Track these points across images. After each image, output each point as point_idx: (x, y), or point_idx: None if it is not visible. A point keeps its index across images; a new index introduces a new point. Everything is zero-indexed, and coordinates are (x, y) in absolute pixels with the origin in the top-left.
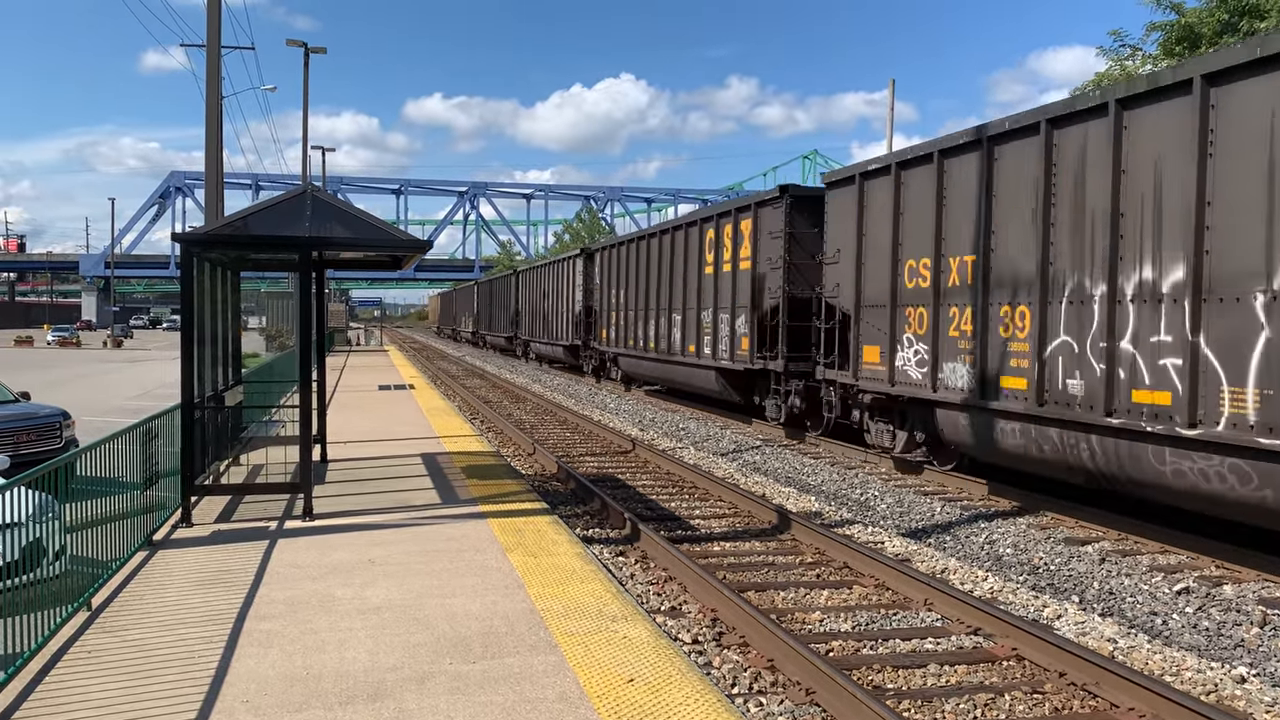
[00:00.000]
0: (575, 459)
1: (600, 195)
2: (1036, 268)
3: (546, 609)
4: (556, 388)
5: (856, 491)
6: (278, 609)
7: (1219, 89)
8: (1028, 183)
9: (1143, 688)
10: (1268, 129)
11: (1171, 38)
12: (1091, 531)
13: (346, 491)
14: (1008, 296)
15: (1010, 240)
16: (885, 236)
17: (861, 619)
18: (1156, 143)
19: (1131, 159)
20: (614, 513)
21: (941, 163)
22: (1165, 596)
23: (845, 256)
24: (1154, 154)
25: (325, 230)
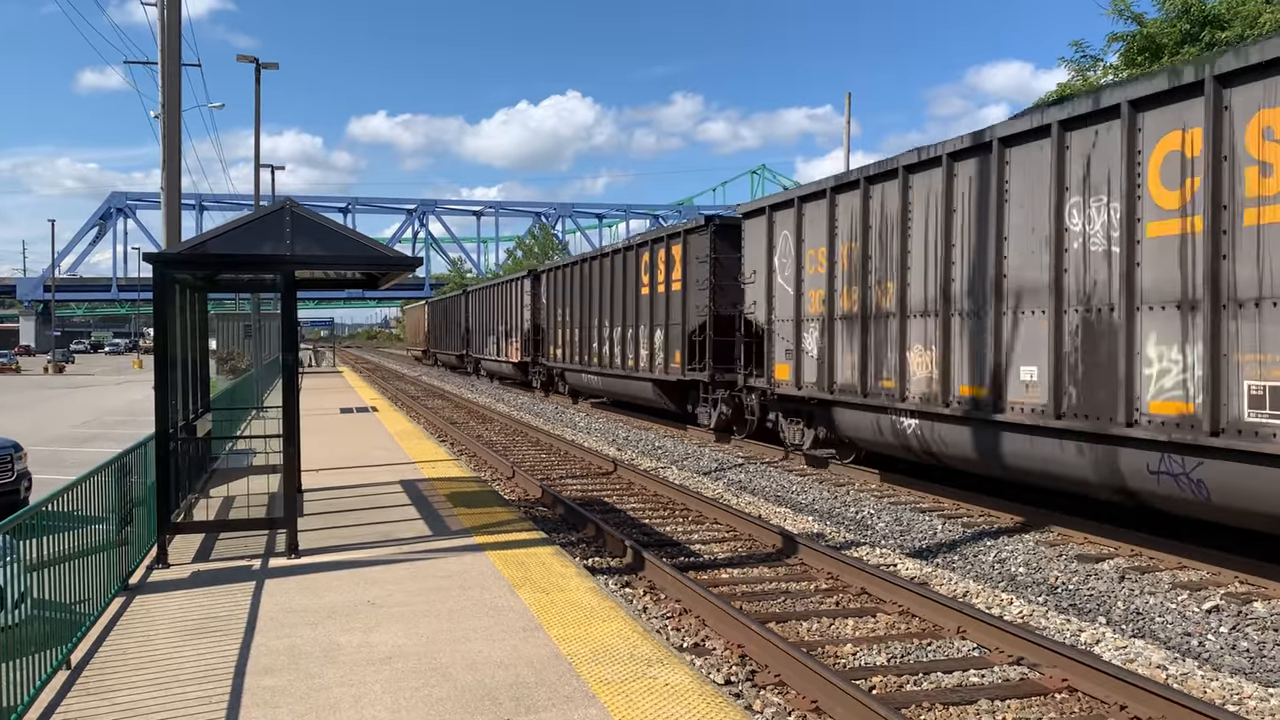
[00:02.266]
0: (558, 482)
1: (551, 212)
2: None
3: (573, 653)
4: (520, 406)
5: (851, 510)
6: (279, 661)
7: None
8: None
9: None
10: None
11: (1133, 48)
12: (1103, 547)
13: (328, 524)
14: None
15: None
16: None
17: (896, 650)
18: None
19: (961, 200)
20: (612, 540)
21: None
22: (1196, 616)
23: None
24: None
25: (309, 248)
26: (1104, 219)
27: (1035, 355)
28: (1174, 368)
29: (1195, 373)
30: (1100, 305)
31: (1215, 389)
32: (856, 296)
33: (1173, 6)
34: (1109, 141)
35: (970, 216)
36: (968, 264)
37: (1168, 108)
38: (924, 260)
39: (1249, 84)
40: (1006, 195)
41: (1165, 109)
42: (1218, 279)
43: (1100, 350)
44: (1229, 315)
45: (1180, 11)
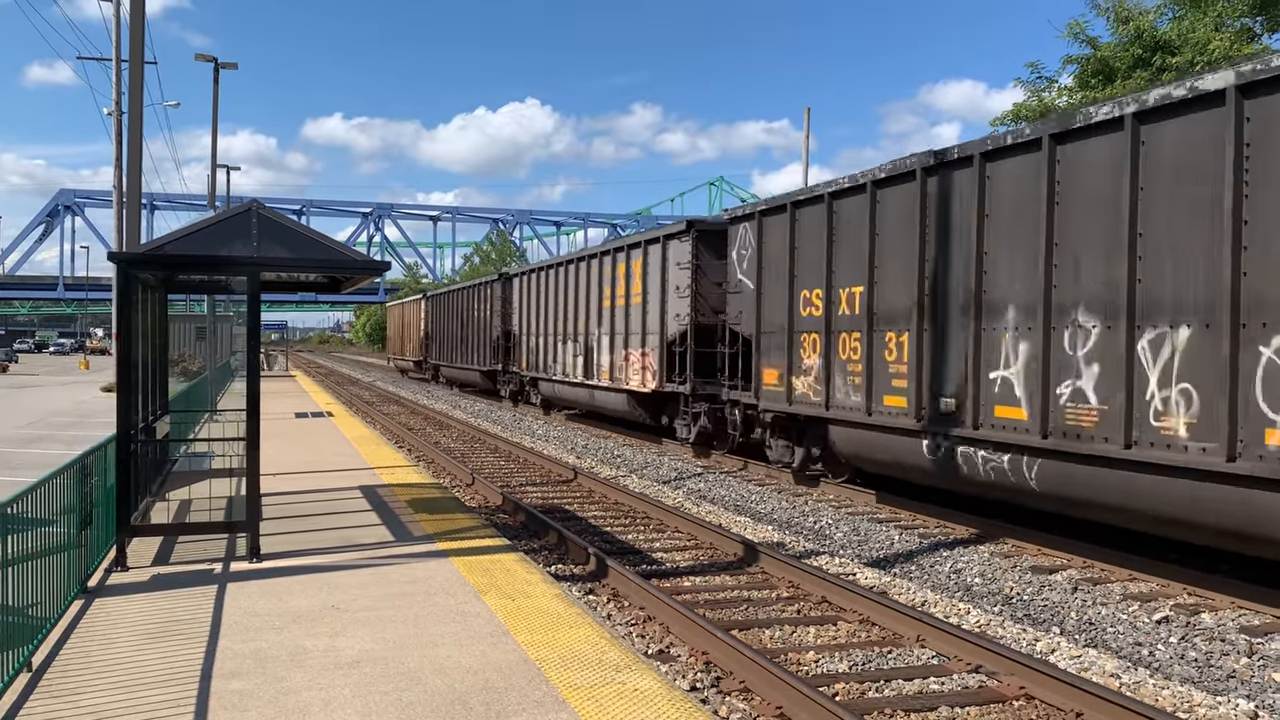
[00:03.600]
0: (518, 489)
1: (509, 218)
2: (864, 305)
3: (542, 659)
4: (478, 413)
5: (810, 520)
6: (245, 665)
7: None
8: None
9: None
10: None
11: (1087, 71)
12: (1056, 559)
13: (289, 529)
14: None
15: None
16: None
17: (857, 658)
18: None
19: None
20: (574, 547)
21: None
22: (1146, 626)
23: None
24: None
25: (277, 250)
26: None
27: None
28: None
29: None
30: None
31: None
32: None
33: (1126, 32)
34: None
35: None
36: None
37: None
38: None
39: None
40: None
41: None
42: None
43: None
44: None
45: (1133, 37)
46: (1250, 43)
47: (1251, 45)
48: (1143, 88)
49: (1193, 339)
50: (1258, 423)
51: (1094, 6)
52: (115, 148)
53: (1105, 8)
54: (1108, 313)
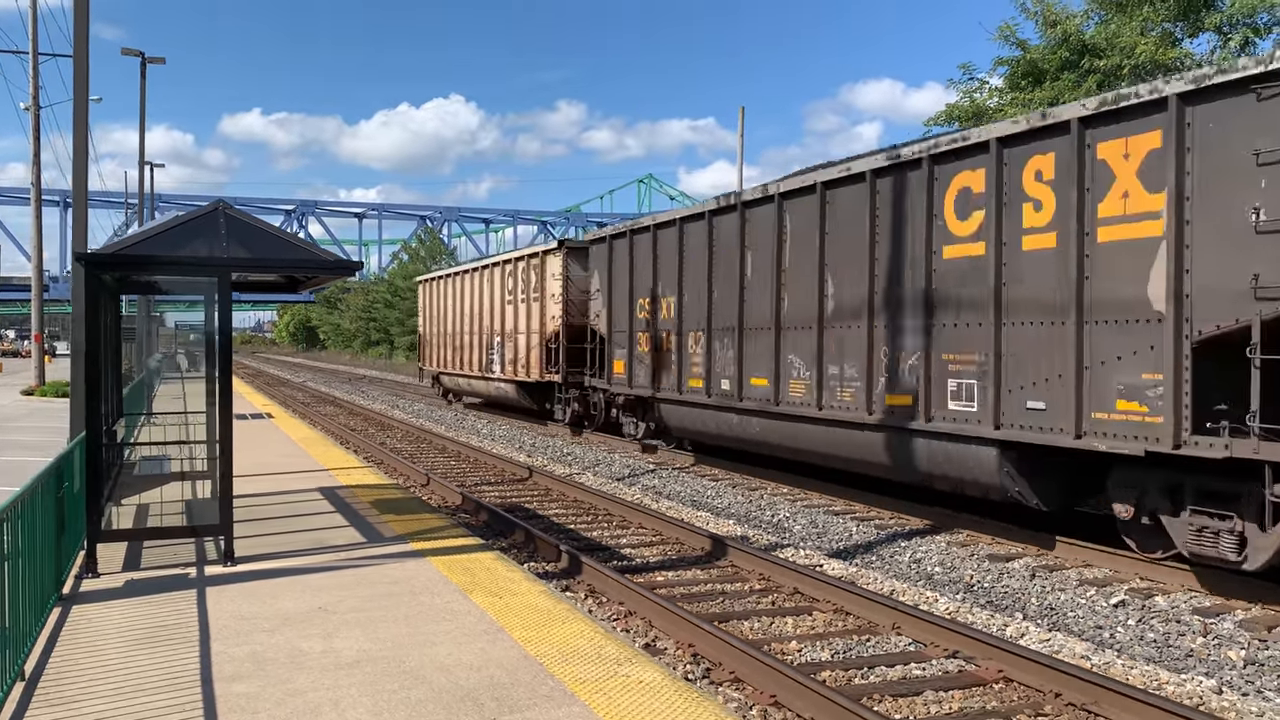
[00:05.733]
0: (475, 489)
1: (437, 215)
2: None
3: (541, 654)
4: (418, 413)
5: (767, 513)
6: (245, 668)
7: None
8: (702, 250)
9: (1144, 703)
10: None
11: (1017, 72)
12: (1010, 548)
13: (258, 531)
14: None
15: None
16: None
17: (838, 646)
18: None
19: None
20: (544, 545)
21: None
22: (1104, 610)
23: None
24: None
25: (244, 250)
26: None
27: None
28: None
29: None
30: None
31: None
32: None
33: (1054, 35)
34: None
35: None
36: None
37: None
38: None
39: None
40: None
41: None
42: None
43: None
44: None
45: (1060, 40)
46: (1173, 47)
47: (1174, 50)
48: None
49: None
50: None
51: (1023, 9)
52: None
53: (1034, 11)
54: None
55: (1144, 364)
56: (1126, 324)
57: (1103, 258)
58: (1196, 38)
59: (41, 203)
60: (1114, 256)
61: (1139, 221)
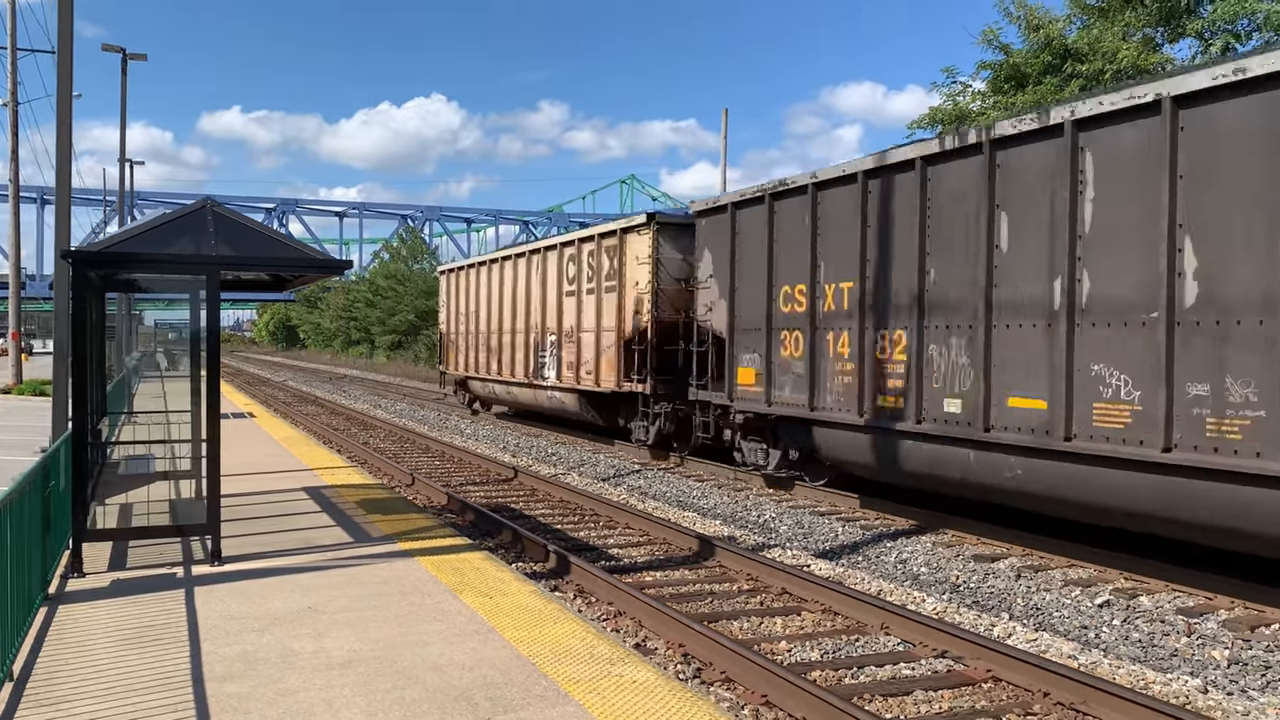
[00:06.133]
0: (460, 488)
1: (418, 214)
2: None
3: (534, 654)
4: (400, 413)
5: (753, 514)
6: (235, 668)
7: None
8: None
9: (1133, 702)
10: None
11: (1000, 76)
12: (996, 548)
13: (244, 531)
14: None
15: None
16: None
17: (827, 646)
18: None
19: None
20: (531, 545)
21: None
22: (1090, 610)
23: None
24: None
25: (233, 248)
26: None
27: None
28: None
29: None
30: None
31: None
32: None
33: (1036, 39)
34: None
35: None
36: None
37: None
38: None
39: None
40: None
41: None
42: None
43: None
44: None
45: (1043, 44)
46: (1154, 52)
47: (1155, 55)
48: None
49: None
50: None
51: (1006, 14)
52: (12, 140)
53: (1017, 15)
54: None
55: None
56: None
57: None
58: (1177, 43)
59: (19, 200)
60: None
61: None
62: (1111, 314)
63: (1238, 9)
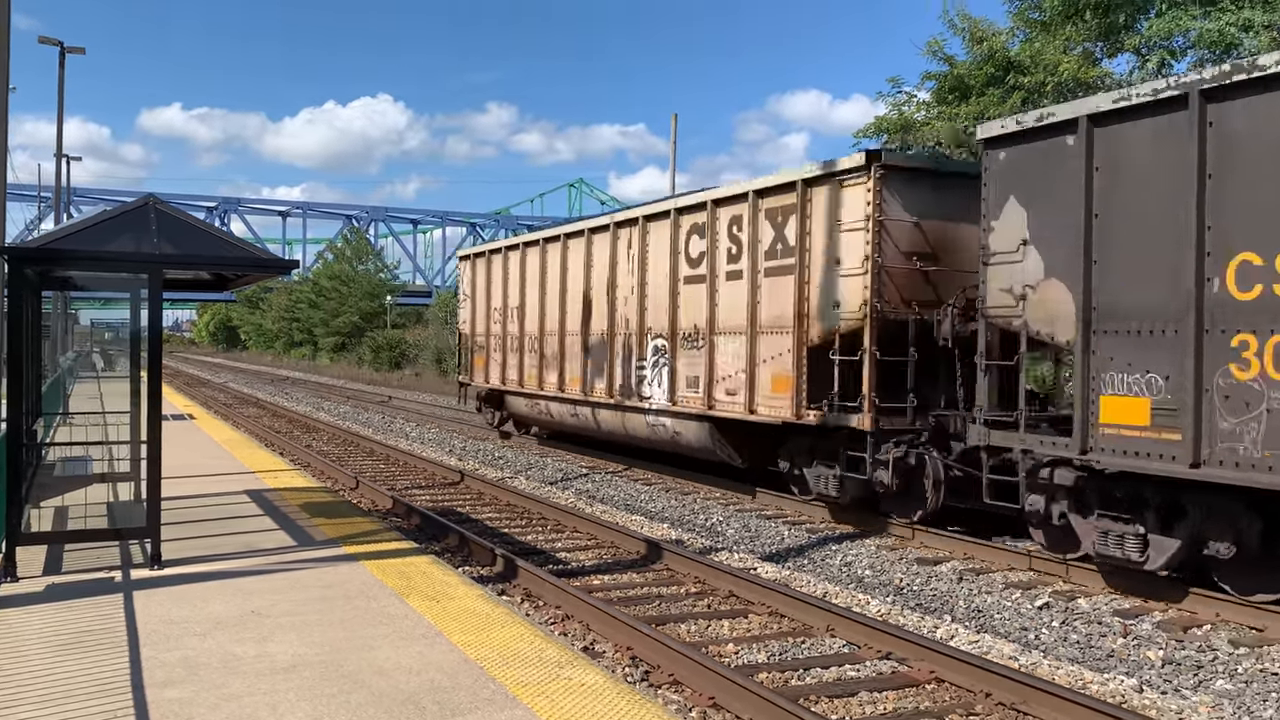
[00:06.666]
0: (405, 492)
1: (363, 215)
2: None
3: (482, 658)
4: (344, 415)
5: (700, 517)
6: (177, 673)
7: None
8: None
9: (1072, 702)
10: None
11: (944, 87)
12: (938, 551)
13: (184, 535)
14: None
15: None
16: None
17: (774, 649)
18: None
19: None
20: (478, 549)
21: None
22: (1029, 612)
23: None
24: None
25: (175, 246)
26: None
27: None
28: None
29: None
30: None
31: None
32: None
33: (980, 51)
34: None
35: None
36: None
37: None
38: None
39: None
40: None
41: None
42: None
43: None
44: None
45: (986, 56)
46: (1094, 66)
47: (1095, 69)
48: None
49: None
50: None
51: (950, 25)
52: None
53: (961, 28)
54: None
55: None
56: None
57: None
58: (1116, 58)
59: (3, 197)
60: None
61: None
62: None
63: (1171, 26)
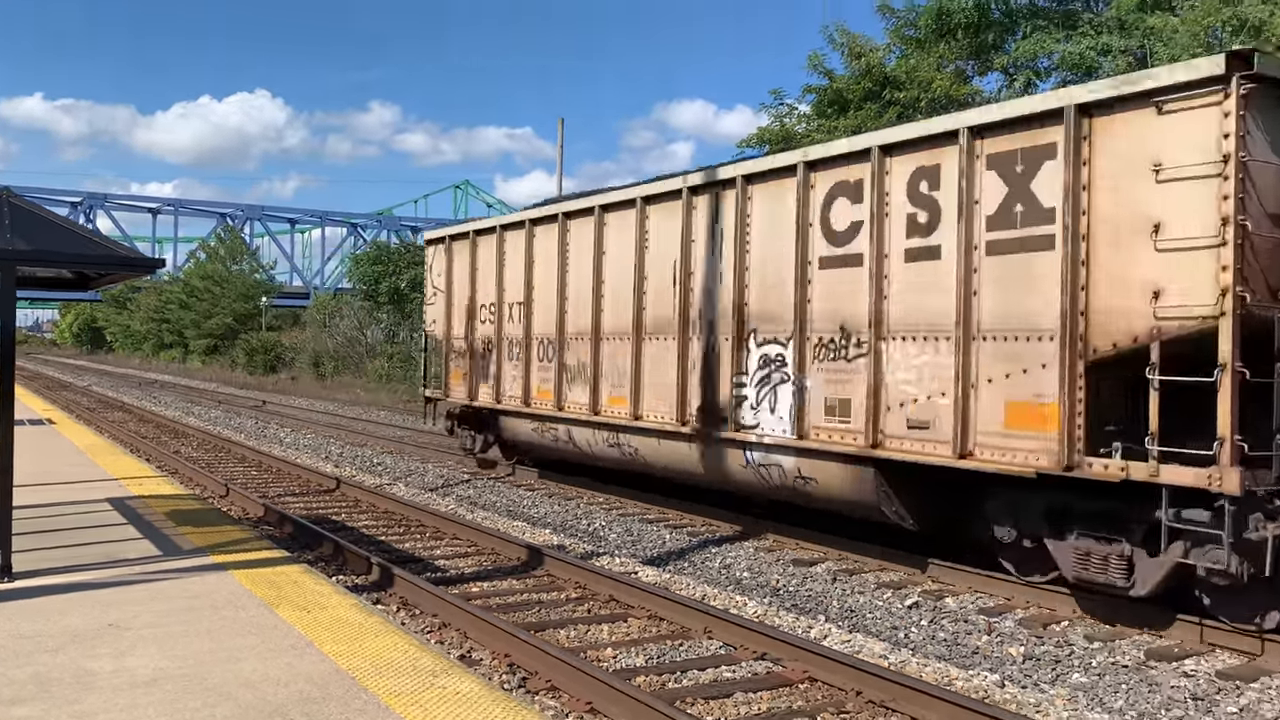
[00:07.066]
0: (278, 500)
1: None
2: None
3: (354, 668)
4: (216, 420)
5: (583, 522)
6: (26, 690)
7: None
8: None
9: (937, 698)
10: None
11: (824, 100)
12: (814, 552)
13: (38, 545)
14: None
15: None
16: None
17: (652, 652)
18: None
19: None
20: (353, 557)
21: None
22: (900, 611)
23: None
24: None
25: (31, 242)
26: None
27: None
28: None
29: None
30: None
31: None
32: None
33: (858, 66)
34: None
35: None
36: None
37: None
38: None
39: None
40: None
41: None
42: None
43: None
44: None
45: (864, 71)
46: (965, 84)
47: (966, 86)
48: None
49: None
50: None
51: (830, 41)
52: None
53: (840, 43)
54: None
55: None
56: None
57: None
58: (986, 76)
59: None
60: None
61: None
62: None
63: (1037, 48)
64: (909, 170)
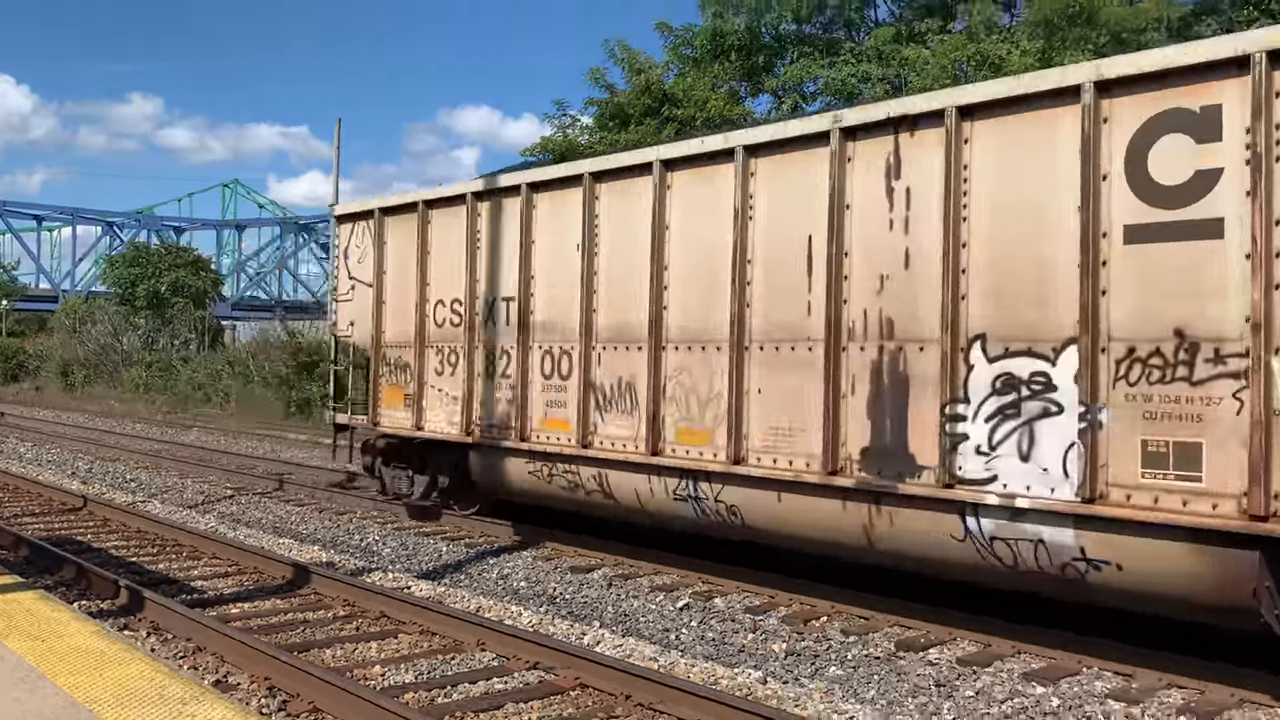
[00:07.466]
0: (12, 520)
1: None
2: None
3: (93, 699)
4: None
5: (355, 538)
6: None
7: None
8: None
9: (702, 698)
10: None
11: (605, 113)
12: (591, 559)
13: None
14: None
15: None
16: None
17: (423, 667)
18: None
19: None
20: (99, 581)
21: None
22: (671, 613)
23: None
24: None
25: None
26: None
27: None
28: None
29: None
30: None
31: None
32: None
33: (639, 82)
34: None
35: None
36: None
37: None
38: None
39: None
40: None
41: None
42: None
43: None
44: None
45: (644, 88)
46: (738, 104)
47: (739, 106)
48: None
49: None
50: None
51: (611, 55)
52: None
53: (621, 58)
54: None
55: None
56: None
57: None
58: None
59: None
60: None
61: None
62: None
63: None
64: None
